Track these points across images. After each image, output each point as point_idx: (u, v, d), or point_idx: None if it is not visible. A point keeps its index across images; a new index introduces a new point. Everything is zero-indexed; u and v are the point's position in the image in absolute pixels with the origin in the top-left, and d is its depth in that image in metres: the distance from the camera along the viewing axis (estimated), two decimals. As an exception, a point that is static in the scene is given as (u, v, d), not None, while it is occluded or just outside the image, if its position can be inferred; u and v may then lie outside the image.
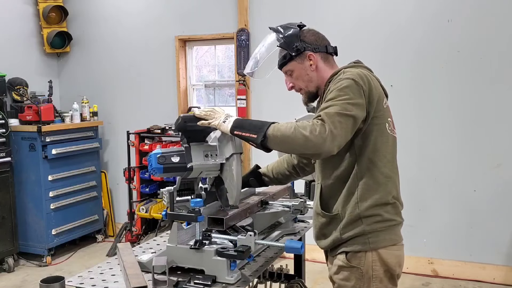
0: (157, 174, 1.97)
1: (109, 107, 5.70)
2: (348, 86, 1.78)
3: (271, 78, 2.11)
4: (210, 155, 2.00)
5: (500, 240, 4.22)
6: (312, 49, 1.97)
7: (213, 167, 2.01)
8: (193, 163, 1.96)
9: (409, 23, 4.36)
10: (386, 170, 1.88)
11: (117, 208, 5.86)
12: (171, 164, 1.95)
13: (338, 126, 1.71)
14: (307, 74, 1.98)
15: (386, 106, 1.92)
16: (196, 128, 1.96)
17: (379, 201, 1.87)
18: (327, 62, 2.00)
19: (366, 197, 1.86)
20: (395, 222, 1.91)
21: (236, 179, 1.97)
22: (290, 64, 1.99)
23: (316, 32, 2.02)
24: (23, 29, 5.50)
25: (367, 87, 1.81)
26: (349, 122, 1.74)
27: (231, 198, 2.00)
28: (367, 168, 1.86)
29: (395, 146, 1.95)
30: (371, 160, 1.86)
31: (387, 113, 1.92)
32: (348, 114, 1.74)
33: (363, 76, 1.82)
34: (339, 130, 1.72)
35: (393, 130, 1.94)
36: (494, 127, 4.18)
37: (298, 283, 2.74)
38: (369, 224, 1.86)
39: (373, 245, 1.86)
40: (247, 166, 5.09)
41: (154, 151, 1.98)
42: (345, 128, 1.74)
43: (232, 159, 1.98)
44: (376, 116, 1.84)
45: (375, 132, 1.85)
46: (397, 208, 1.93)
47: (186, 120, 1.98)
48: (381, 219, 1.87)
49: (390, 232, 1.89)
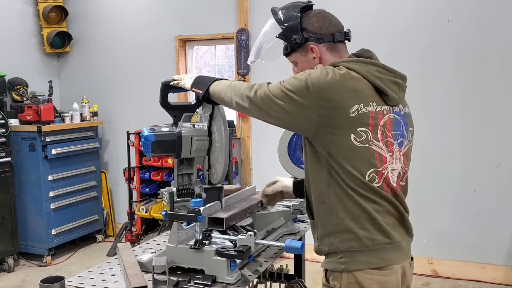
0: (149, 143, 2.01)
1: (109, 107, 5.70)
2: (299, 82, 1.60)
3: (271, 78, 2.11)
4: (197, 125, 2.12)
5: (500, 240, 4.22)
6: (315, 39, 1.74)
7: (201, 134, 2.09)
8: (181, 129, 2.06)
9: (409, 23, 4.36)
10: (355, 186, 1.61)
11: (117, 208, 5.86)
12: (161, 132, 2.05)
13: (259, 99, 1.65)
14: (311, 67, 1.74)
15: (359, 113, 1.59)
16: (179, 103, 2.18)
17: (352, 214, 1.62)
18: (335, 52, 1.76)
19: (337, 209, 1.62)
20: (376, 242, 1.61)
21: (225, 155, 2.02)
22: (293, 55, 1.81)
23: (323, 17, 1.77)
24: (23, 29, 5.50)
25: (320, 93, 1.56)
26: (271, 104, 1.63)
27: (216, 175, 2.04)
28: (335, 180, 1.62)
29: (370, 157, 1.62)
30: (336, 172, 1.61)
31: (358, 121, 1.59)
32: (272, 99, 1.62)
33: (323, 80, 1.58)
34: (259, 103, 1.65)
35: (370, 141, 1.61)
36: (494, 127, 4.18)
37: (298, 283, 2.74)
38: (342, 241, 1.63)
39: (345, 266, 1.62)
40: (247, 166, 5.09)
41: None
42: (262, 104, 1.65)
43: (220, 133, 2.04)
44: (337, 126, 1.58)
45: (338, 143, 1.59)
46: (380, 226, 1.62)
47: (166, 84, 2.13)
48: (353, 237, 1.61)
49: (369, 254, 1.61)
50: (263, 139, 5.00)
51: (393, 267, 1.65)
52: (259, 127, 5.03)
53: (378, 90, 1.67)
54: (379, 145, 1.64)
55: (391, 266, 1.65)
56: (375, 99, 1.65)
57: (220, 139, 2.06)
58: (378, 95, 1.66)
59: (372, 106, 1.63)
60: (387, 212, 1.66)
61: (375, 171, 1.63)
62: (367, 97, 1.62)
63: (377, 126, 1.63)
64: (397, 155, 1.70)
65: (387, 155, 1.66)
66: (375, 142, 1.63)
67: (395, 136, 1.70)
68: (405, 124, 1.76)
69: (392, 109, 1.71)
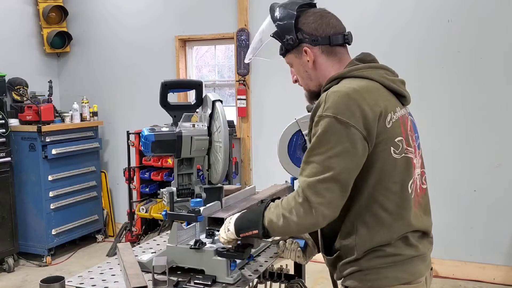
0: (149, 143, 2.01)
1: (109, 107, 5.70)
2: (327, 130, 1.43)
3: (271, 78, 2.10)
4: (197, 125, 2.12)
5: (500, 240, 4.22)
6: (310, 41, 1.61)
7: (201, 134, 2.08)
8: (181, 128, 2.05)
9: (409, 23, 4.36)
10: (392, 206, 1.52)
11: (117, 208, 5.86)
12: (161, 132, 2.05)
13: (323, 194, 1.43)
14: (305, 71, 1.66)
15: (393, 122, 1.52)
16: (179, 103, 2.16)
17: (381, 243, 1.53)
18: (332, 56, 1.63)
19: (365, 240, 1.53)
20: (403, 256, 1.54)
21: (224, 154, 2.01)
22: (288, 56, 1.69)
23: (320, 17, 1.63)
24: (23, 29, 5.50)
25: (359, 115, 1.44)
26: (336, 184, 1.44)
27: (216, 175, 2.04)
28: (366, 206, 1.52)
29: (409, 167, 1.55)
30: (371, 195, 1.51)
31: (394, 131, 1.52)
32: (332, 176, 1.43)
33: (350, 102, 1.45)
34: (327, 198, 1.43)
35: (405, 149, 1.54)
36: (494, 127, 4.18)
37: (298, 283, 2.74)
38: (367, 260, 1.54)
39: (371, 284, 1.53)
40: (247, 166, 5.09)
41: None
42: (334, 191, 1.44)
43: (220, 132, 2.03)
44: (378, 143, 1.48)
45: (378, 163, 1.49)
46: (408, 240, 1.55)
47: (167, 84, 2.11)
48: (383, 254, 1.53)
49: (396, 269, 1.53)
50: (263, 139, 5.00)
51: (420, 280, 1.58)
52: (259, 127, 5.04)
53: (395, 93, 1.61)
54: (412, 152, 1.58)
55: (419, 279, 1.58)
56: (397, 103, 1.60)
57: (220, 139, 2.06)
58: (396, 99, 1.61)
59: (398, 111, 1.57)
60: (416, 230, 1.59)
61: (413, 181, 1.57)
62: (392, 103, 1.56)
63: (407, 132, 1.58)
64: (419, 158, 1.66)
65: (415, 161, 1.60)
66: (409, 149, 1.57)
67: (416, 138, 1.67)
68: (416, 125, 1.74)
69: (407, 110, 1.67)
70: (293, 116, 2.29)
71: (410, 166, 1.56)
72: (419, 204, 1.62)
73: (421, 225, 1.60)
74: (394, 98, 1.60)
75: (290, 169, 2.42)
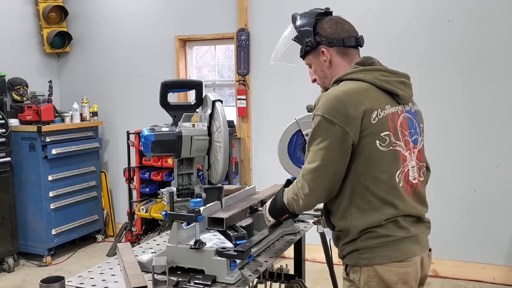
0: (149, 143, 2.02)
1: (109, 107, 5.70)
2: (318, 126, 1.71)
3: (271, 78, 2.11)
4: (197, 125, 2.13)
5: (500, 240, 4.22)
6: (326, 43, 1.85)
7: (201, 134, 2.10)
8: (181, 128, 2.06)
9: (409, 23, 4.36)
10: (381, 193, 1.71)
11: (117, 208, 5.86)
12: (161, 132, 2.06)
13: (316, 180, 1.73)
14: (322, 70, 1.89)
15: (379, 119, 1.71)
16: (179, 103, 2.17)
17: (372, 224, 1.72)
18: (345, 56, 1.86)
19: (358, 222, 1.73)
20: (394, 237, 1.72)
21: (224, 154, 2.02)
22: (307, 58, 1.93)
23: (336, 22, 1.88)
24: (23, 29, 5.50)
25: (344, 113, 1.67)
26: (325, 171, 1.71)
27: (216, 175, 2.05)
28: (359, 192, 1.73)
29: (396, 159, 1.74)
30: (362, 183, 1.72)
31: (380, 127, 1.71)
32: (321, 166, 1.70)
33: (336, 103, 1.68)
34: (320, 184, 1.73)
35: (393, 143, 1.73)
36: (494, 127, 4.18)
37: (298, 283, 2.74)
38: (362, 241, 1.74)
39: (367, 261, 1.72)
40: (247, 166, 5.09)
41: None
42: (325, 178, 1.72)
43: (220, 132, 2.04)
44: (363, 137, 1.69)
45: (363, 154, 1.70)
46: (399, 223, 1.74)
47: (167, 84, 2.13)
48: (375, 235, 1.72)
49: (388, 248, 1.72)
50: (263, 139, 5.00)
51: (412, 259, 1.74)
52: (259, 127, 5.04)
53: (389, 92, 1.78)
54: (401, 145, 1.76)
55: (411, 258, 1.74)
56: (389, 101, 1.77)
57: (220, 139, 2.06)
58: (390, 97, 1.78)
59: (388, 109, 1.75)
60: (407, 215, 1.76)
61: (401, 171, 1.75)
62: (381, 102, 1.74)
63: (396, 127, 1.75)
64: (413, 152, 1.82)
65: (406, 154, 1.78)
66: (397, 143, 1.75)
67: (410, 134, 1.82)
68: (416, 122, 1.88)
69: (404, 108, 1.83)
70: (293, 116, 2.29)
71: (398, 158, 1.75)
72: (414, 193, 1.80)
73: (414, 211, 1.78)
74: (386, 97, 1.78)
75: (290, 169, 2.42)
